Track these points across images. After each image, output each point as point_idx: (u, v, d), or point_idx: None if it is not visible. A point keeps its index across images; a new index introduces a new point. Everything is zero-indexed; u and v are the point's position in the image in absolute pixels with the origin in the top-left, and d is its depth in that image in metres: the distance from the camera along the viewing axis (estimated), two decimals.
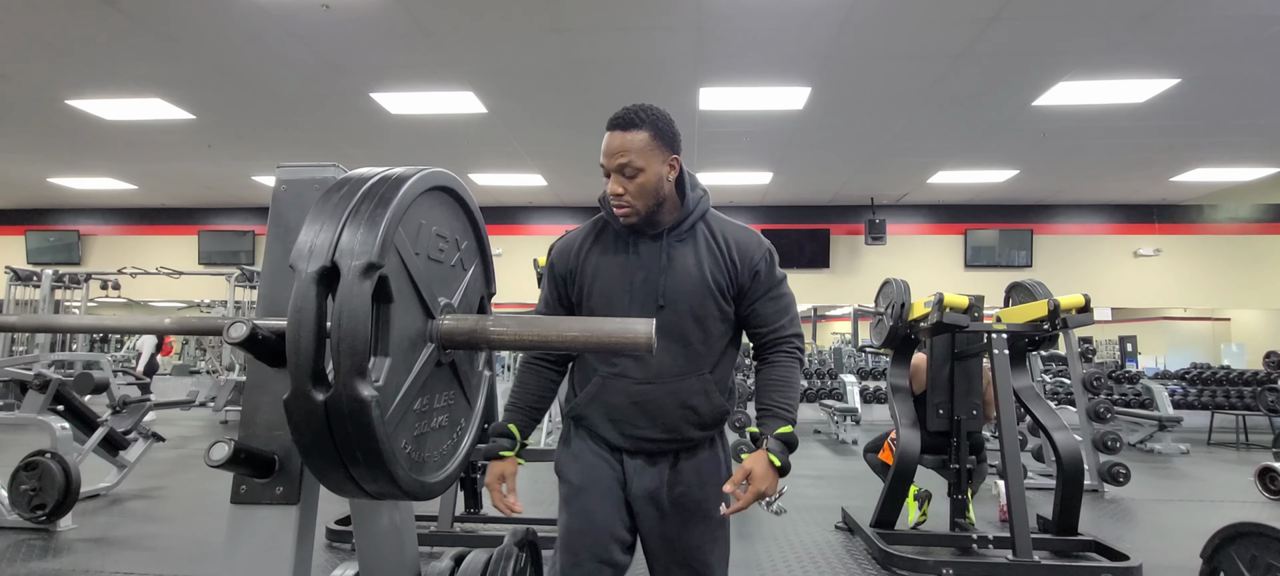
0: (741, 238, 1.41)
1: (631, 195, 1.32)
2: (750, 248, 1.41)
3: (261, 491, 0.83)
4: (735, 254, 1.39)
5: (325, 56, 4.86)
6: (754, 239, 1.43)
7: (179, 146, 7.09)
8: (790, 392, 1.37)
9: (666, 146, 1.35)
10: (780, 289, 1.43)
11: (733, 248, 1.39)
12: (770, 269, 1.42)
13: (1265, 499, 4.89)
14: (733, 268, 1.39)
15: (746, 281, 1.39)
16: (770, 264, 1.42)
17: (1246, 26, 4.24)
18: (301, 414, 0.66)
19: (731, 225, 1.44)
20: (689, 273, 1.36)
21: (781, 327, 1.41)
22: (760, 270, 1.40)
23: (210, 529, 3.82)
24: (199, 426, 7.99)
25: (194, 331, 0.91)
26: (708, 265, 1.37)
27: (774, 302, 1.42)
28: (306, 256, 0.67)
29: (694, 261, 1.37)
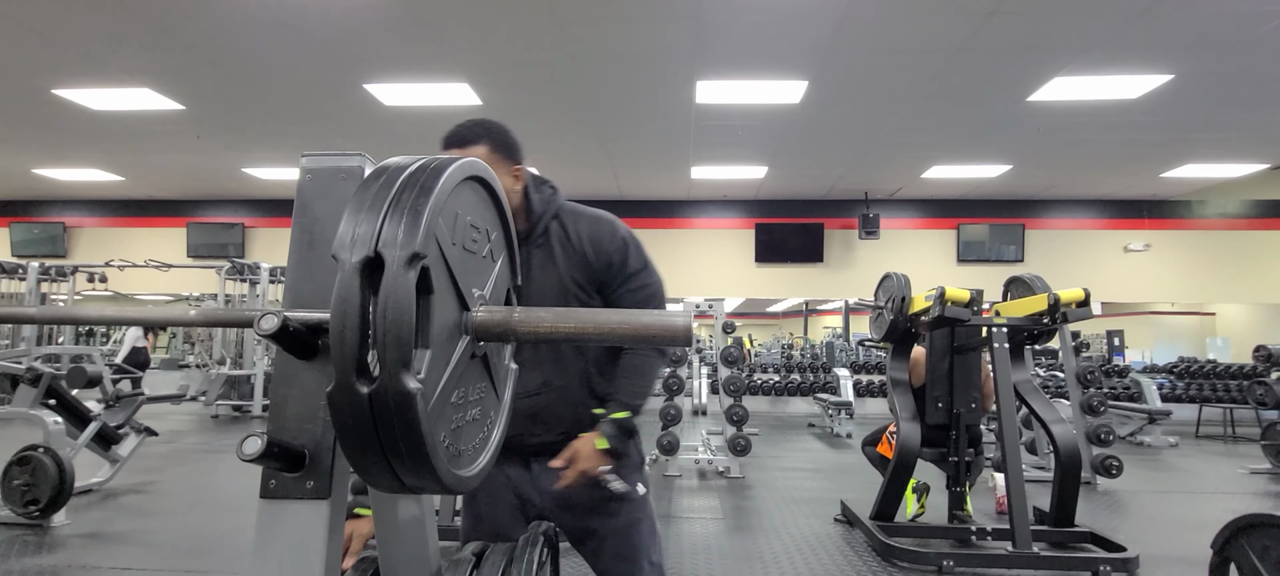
0: (594, 231, 1.39)
1: None
2: (602, 239, 1.38)
3: (292, 486, 0.82)
4: (588, 248, 1.38)
5: (318, 47, 4.80)
6: (607, 229, 1.40)
7: (167, 137, 6.99)
8: (640, 381, 1.40)
9: (507, 158, 1.34)
10: (642, 277, 1.40)
11: (585, 242, 1.38)
12: (626, 258, 1.39)
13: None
14: (587, 263, 1.37)
15: (603, 274, 1.38)
16: (626, 253, 1.39)
17: (1241, 23, 4.28)
18: (346, 407, 0.65)
19: (584, 216, 1.41)
20: (547, 279, 1.36)
21: None
22: (614, 260, 1.39)
23: (206, 523, 3.78)
24: (190, 421, 7.92)
25: (222, 323, 0.89)
26: (563, 265, 1.37)
27: (634, 293, 1.40)
28: (349, 247, 0.65)
29: (551, 265, 1.37)
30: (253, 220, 10.09)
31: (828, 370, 9.75)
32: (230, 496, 4.38)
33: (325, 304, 0.87)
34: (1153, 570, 3.12)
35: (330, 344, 0.64)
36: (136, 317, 0.93)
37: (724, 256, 9.62)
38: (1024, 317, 3.49)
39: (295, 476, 0.81)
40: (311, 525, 0.81)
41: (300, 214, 0.90)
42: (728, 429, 5.32)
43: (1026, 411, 3.58)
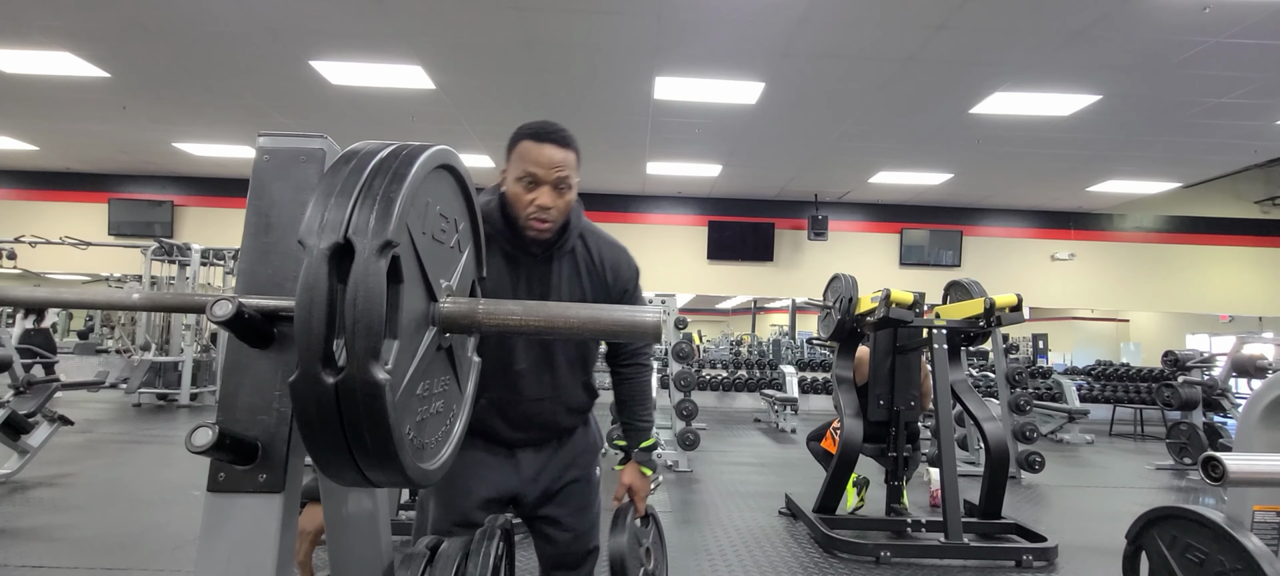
0: (616, 259, 1.47)
1: (559, 211, 1.32)
2: (622, 270, 1.47)
3: (243, 479, 0.78)
4: (609, 276, 1.44)
5: (260, 17, 4.57)
6: (626, 260, 1.49)
7: (89, 105, 6.52)
8: (648, 405, 1.58)
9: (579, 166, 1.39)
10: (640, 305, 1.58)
11: (608, 269, 1.44)
12: (637, 289, 1.51)
13: (1187, 485, 5.37)
14: (607, 288, 1.45)
15: (616, 298, 1.47)
16: (637, 285, 1.51)
17: (1162, 50, 4.59)
18: (311, 397, 0.62)
19: (605, 242, 1.48)
20: (575, 295, 1.42)
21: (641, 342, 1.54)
22: (629, 288, 1.48)
23: (127, 518, 3.57)
24: (109, 410, 7.44)
25: (169, 308, 0.84)
26: (588, 286, 1.43)
27: None
28: (318, 232, 0.63)
29: (576, 282, 1.42)
30: (183, 198, 9.53)
31: (774, 367, 9.98)
32: (153, 490, 4.14)
33: (282, 290, 0.84)
34: (1070, 558, 3.33)
35: (295, 332, 0.62)
36: (73, 300, 0.87)
37: (677, 252, 9.70)
38: (962, 320, 3.66)
39: (247, 469, 0.78)
40: (263, 520, 0.78)
41: (256, 196, 0.86)
42: (677, 423, 5.37)
43: (960, 409, 3.76)
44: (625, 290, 1.47)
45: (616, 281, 1.46)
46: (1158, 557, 1.74)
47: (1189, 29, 4.28)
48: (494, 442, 1.45)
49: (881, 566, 3.16)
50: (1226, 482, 0.91)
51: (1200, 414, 5.95)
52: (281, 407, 0.79)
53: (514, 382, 1.40)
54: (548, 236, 1.34)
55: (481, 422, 1.41)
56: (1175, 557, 1.67)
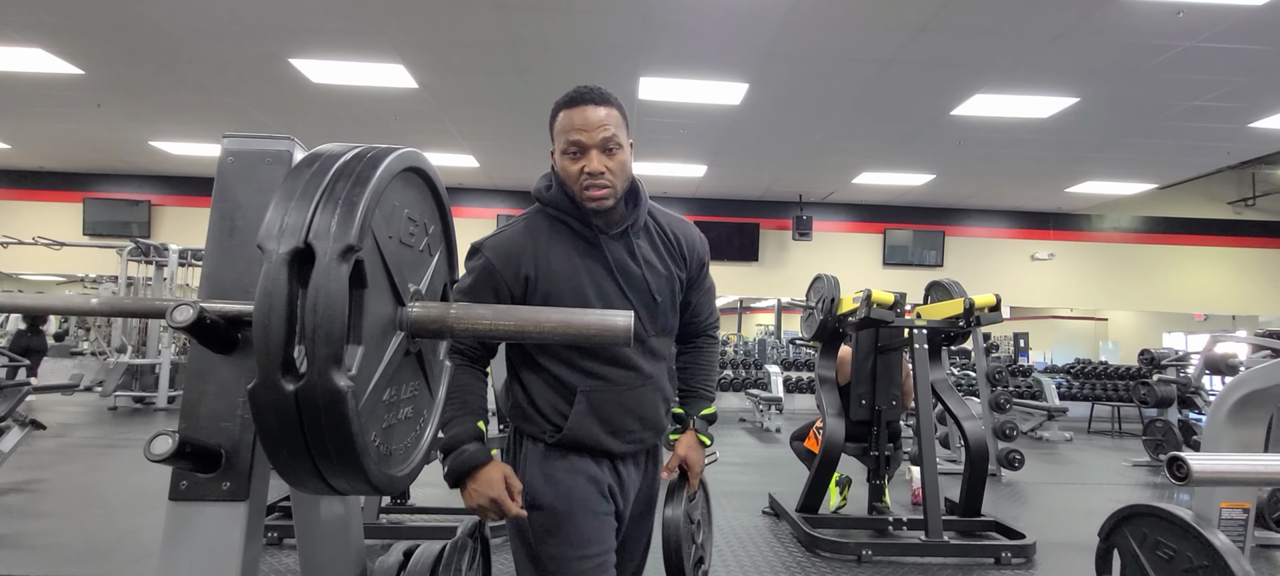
0: (687, 232, 1.41)
1: (613, 174, 1.21)
2: (695, 242, 1.41)
3: (206, 487, 0.77)
4: (685, 248, 1.38)
5: (238, 13, 4.51)
6: (697, 232, 1.44)
7: (63, 103, 6.39)
8: (712, 376, 1.47)
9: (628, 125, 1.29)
10: (709, 280, 1.47)
11: (682, 242, 1.38)
12: (706, 261, 1.46)
13: (1162, 482, 5.46)
14: (684, 262, 1.38)
15: (694, 274, 1.40)
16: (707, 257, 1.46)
17: (1138, 54, 4.67)
18: (269, 405, 0.61)
19: (673, 217, 1.42)
20: (658, 270, 1.32)
21: (710, 315, 1.47)
22: (705, 265, 1.44)
23: (102, 525, 3.50)
24: (84, 413, 7.30)
25: (128, 313, 0.82)
26: (669, 263, 1.35)
27: (707, 294, 1.45)
28: (277, 237, 0.62)
29: (657, 257, 1.33)
30: (161, 198, 9.38)
31: (759, 366, 10.02)
32: (129, 495, 4.07)
33: (246, 295, 0.83)
34: (1047, 555, 3.37)
35: (253, 338, 0.61)
36: (27, 305, 0.85)
37: None
38: (942, 320, 3.69)
39: (210, 477, 0.77)
40: (227, 528, 0.77)
41: (220, 198, 0.85)
42: None
43: (941, 408, 3.80)
44: (702, 264, 1.41)
45: (692, 254, 1.38)
46: (1129, 554, 1.77)
47: (1163, 33, 4.35)
48: (599, 456, 1.27)
49: (863, 565, 3.19)
50: (1190, 482, 0.92)
51: (1175, 411, 6.06)
52: (246, 414, 0.78)
53: (612, 360, 1.26)
54: (609, 202, 1.23)
55: (577, 433, 1.24)
56: (1146, 554, 1.70)
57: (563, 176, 1.24)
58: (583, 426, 1.23)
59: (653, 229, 1.35)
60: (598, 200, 1.21)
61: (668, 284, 1.33)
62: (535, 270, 1.23)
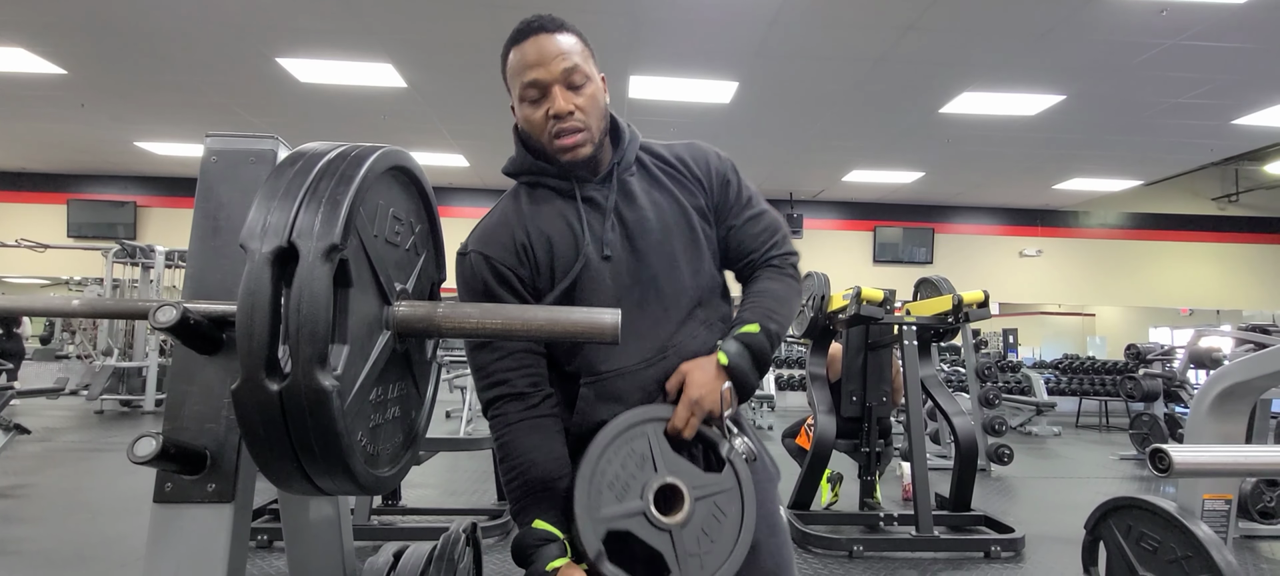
0: (692, 150, 1.11)
1: (584, 113, 0.99)
2: (706, 157, 1.10)
3: (191, 489, 0.76)
4: (694, 168, 1.09)
5: (224, 13, 4.47)
6: (707, 147, 1.12)
7: (46, 104, 6.32)
8: (776, 303, 1.06)
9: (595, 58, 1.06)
10: (759, 204, 1.12)
11: (690, 162, 1.09)
12: (740, 178, 1.11)
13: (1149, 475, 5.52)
14: (700, 184, 1.09)
15: (718, 196, 1.09)
16: (737, 172, 1.12)
17: (1123, 52, 4.72)
18: (253, 405, 0.61)
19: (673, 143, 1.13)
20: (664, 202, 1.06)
21: (768, 241, 1.10)
22: (731, 178, 1.10)
23: (88, 530, 3.46)
24: (70, 417, 7.22)
25: (111, 314, 0.82)
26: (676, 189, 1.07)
27: (756, 221, 1.10)
28: (259, 236, 0.62)
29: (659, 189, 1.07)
30: (147, 199, 9.29)
31: None
32: (115, 499, 4.03)
33: (230, 295, 0.82)
34: (1036, 548, 3.41)
35: (237, 338, 0.60)
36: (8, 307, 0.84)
37: None
38: (931, 316, 3.71)
39: (195, 479, 0.76)
40: (213, 530, 0.76)
41: (203, 198, 0.84)
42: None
43: (931, 404, 3.82)
44: (727, 180, 1.10)
45: (708, 171, 1.09)
46: (1114, 547, 1.79)
47: (1147, 31, 4.40)
48: None
49: (855, 561, 3.20)
50: (1173, 474, 0.93)
51: (1161, 404, 6.12)
52: (231, 415, 0.77)
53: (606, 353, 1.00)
54: (585, 149, 1.00)
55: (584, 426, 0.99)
56: (1130, 546, 1.73)
57: (527, 129, 1.03)
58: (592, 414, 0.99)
59: (649, 163, 1.09)
60: (572, 150, 0.99)
61: (683, 217, 1.06)
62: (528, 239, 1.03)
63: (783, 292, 1.08)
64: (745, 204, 1.11)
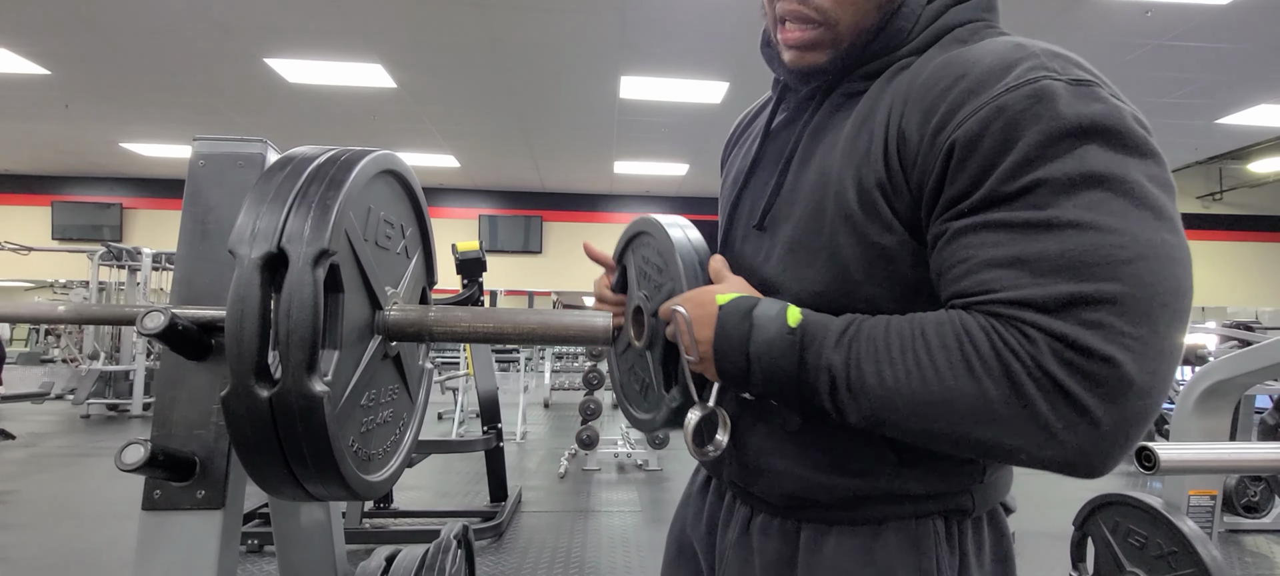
0: (960, 73, 0.56)
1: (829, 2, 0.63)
2: (957, 88, 0.55)
3: (180, 495, 0.76)
4: (907, 108, 0.58)
5: (211, 12, 4.43)
6: (987, 69, 0.55)
7: (28, 104, 6.24)
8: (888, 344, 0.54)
9: None
10: (1031, 199, 0.50)
11: (912, 100, 0.58)
12: (1005, 140, 0.51)
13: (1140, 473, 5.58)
14: (899, 142, 0.58)
15: (929, 175, 0.56)
16: (1009, 128, 0.51)
17: (1108, 51, 4.77)
18: (244, 412, 0.61)
19: (982, 52, 0.58)
20: (807, 173, 0.67)
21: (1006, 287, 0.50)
22: (963, 139, 0.53)
23: (75, 536, 3.43)
24: (56, 422, 7.13)
25: (97, 320, 0.81)
26: (849, 149, 0.63)
27: (1000, 234, 0.51)
28: (249, 241, 0.61)
29: (837, 143, 0.65)
30: (133, 200, 9.20)
31: None
32: (103, 505, 3.99)
33: (219, 300, 0.82)
34: (1026, 544, 3.44)
35: (226, 344, 0.60)
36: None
37: None
38: None
39: (184, 486, 0.76)
40: (202, 538, 0.76)
41: (191, 202, 0.83)
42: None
43: None
44: (952, 144, 0.53)
45: (922, 115, 0.56)
46: (1102, 542, 1.81)
47: (1132, 31, 4.45)
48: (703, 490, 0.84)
49: None
50: (1159, 471, 0.95)
51: None
52: (220, 421, 0.77)
53: None
54: (815, 56, 0.66)
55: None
56: (1118, 542, 1.75)
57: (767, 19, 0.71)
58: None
59: (899, 82, 0.61)
60: (795, 54, 0.67)
61: (815, 211, 0.64)
62: (725, 163, 0.87)
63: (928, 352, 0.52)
64: (988, 195, 0.52)
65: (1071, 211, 0.49)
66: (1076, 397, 0.47)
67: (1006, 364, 0.48)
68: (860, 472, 0.64)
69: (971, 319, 0.51)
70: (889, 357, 0.53)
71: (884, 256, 0.60)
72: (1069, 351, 0.47)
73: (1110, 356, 0.46)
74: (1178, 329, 0.49)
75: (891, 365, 0.53)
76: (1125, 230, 0.48)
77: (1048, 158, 0.50)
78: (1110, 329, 0.47)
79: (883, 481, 0.64)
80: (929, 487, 0.64)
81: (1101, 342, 0.46)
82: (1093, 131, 0.50)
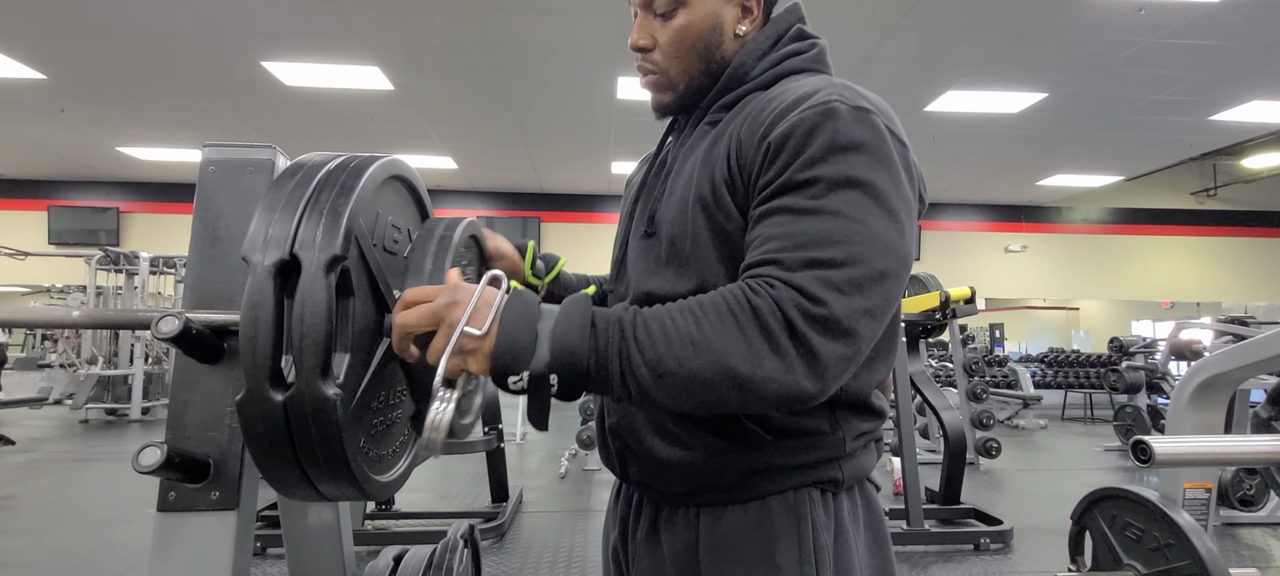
0: (782, 100, 0.71)
1: (662, 53, 0.79)
2: (776, 108, 0.70)
3: (195, 497, 0.77)
4: (744, 125, 0.72)
5: (207, 16, 4.43)
6: (799, 96, 0.69)
7: (23, 109, 6.23)
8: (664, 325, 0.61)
9: None
10: (808, 191, 0.64)
11: (745, 120, 0.73)
12: (801, 143, 0.65)
13: (1134, 466, 5.61)
14: (737, 148, 0.71)
15: (753, 170, 0.69)
16: (805, 136, 0.65)
17: (1103, 49, 4.80)
18: (258, 415, 0.62)
19: (786, 91, 0.73)
20: (677, 181, 0.79)
21: (769, 254, 0.63)
22: (774, 141, 0.67)
23: (75, 541, 3.43)
24: (54, 427, 7.12)
25: (113, 325, 0.82)
26: (703, 156, 0.76)
27: (782, 217, 0.65)
28: (262, 248, 0.63)
29: (700, 153, 0.77)
30: (129, 204, 9.18)
31: None
32: (103, 509, 3.99)
33: (231, 304, 0.83)
34: (1024, 539, 3.46)
35: (241, 350, 0.61)
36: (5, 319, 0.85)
37: None
38: (919, 313, 3.77)
39: (198, 487, 0.77)
40: (217, 538, 0.77)
41: (202, 208, 0.85)
42: None
43: (920, 399, 3.87)
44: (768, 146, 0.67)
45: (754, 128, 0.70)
46: (1099, 536, 1.83)
47: (1126, 29, 4.48)
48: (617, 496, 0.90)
49: None
50: (1154, 464, 0.97)
51: (1144, 396, 6.23)
52: (233, 423, 0.78)
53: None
54: (664, 98, 0.82)
55: None
56: (1115, 535, 1.77)
57: None
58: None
59: (747, 109, 0.75)
60: (652, 95, 0.84)
61: (684, 206, 0.75)
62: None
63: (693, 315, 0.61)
64: (781, 187, 0.66)
65: (834, 203, 0.64)
66: (801, 332, 0.60)
67: (755, 306, 0.61)
68: (751, 448, 0.73)
69: (737, 284, 0.64)
70: (671, 319, 0.62)
71: (729, 240, 0.73)
72: (799, 296, 0.61)
73: (824, 299, 0.60)
74: (880, 299, 0.63)
75: (673, 324, 0.62)
76: (865, 221, 0.64)
77: (826, 161, 0.65)
78: (830, 284, 0.61)
79: (766, 455, 0.73)
80: (800, 459, 0.74)
81: (821, 290, 0.61)
82: (860, 146, 0.66)
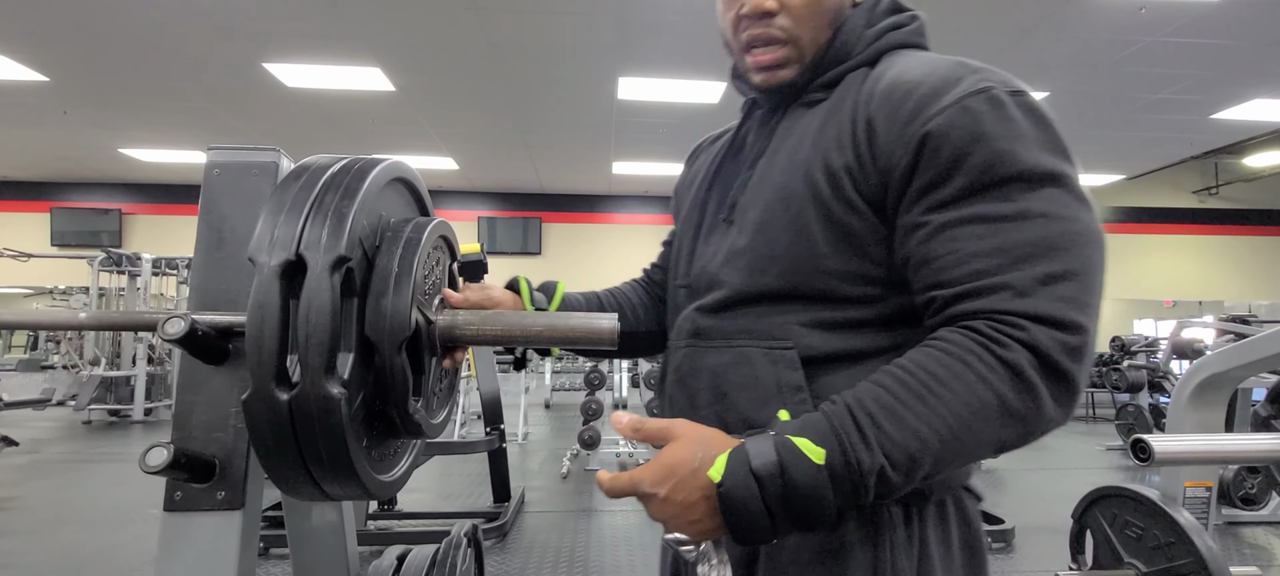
0: (913, 81, 0.63)
1: (793, 16, 0.69)
2: (918, 94, 0.61)
3: (201, 497, 0.78)
4: (877, 107, 0.63)
5: (209, 17, 4.44)
6: (939, 80, 0.62)
7: (27, 111, 6.25)
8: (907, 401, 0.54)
9: None
10: (1005, 193, 0.58)
11: (877, 99, 0.64)
12: (973, 139, 0.58)
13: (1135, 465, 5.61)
14: (867, 133, 0.63)
15: (899, 162, 0.61)
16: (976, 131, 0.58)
17: (1104, 48, 4.80)
18: (264, 415, 0.63)
19: (916, 63, 0.66)
20: (774, 166, 0.70)
21: (988, 273, 0.56)
22: (935, 134, 0.59)
23: (79, 541, 3.44)
24: (57, 428, 7.14)
25: (120, 326, 0.83)
26: (818, 139, 0.67)
27: (980, 227, 0.57)
28: (268, 249, 0.63)
29: (808, 142, 0.68)
30: (131, 206, 9.21)
31: None
32: (106, 510, 4.00)
33: (236, 305, 0.84)
34: (1025, 538, 3.47)
35: (247, 349, 0.62)
36: (13, 321, 0.85)
37: (645, 252, 9.65)
38: None
39: (204, 487, 0.78)
40: (223, 537, 0.78)
41: (207, 210, 0.85)
42: None
43: None
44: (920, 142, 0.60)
45: (890, 116, 0.62)
46: (1100, 534, 1.84)
47: (1127, 28, 4.48)
48: None
49: None
50: (1153, 463, 0.97)
51: (1146, 395, 6.22)
52: (238, 424, 0.79)
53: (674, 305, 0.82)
54: (784, 73, 0.72)
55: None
56: (1116, 534, 1.77)
57: (723, 29, 0.77)
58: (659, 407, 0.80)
59: (853, 88, 0.68)
60: (765, 73, 0.72)
61: (782, 193, 0.67)
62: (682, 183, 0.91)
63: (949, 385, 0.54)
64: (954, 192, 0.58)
65: (1040, 204, 0.58)
66: (1063, 370, 0.54)
67: (1011, 364, 0.54)
68: None
69: (959, 335, 0.56)
70: (911, 411, 0.54)
71: (847, 234, 0.64)
72: (1054, 332, 0.54)
73: (1079, 324, 0.54)
74: (1102, 297, 0.59)
75: (916, 416, 0.54)
76: (1076, 217, 0.59)
77: (1013, 158, 0.59)
78: (1074, 303, 0.55)
79: None
80: None
81: (1070, 312, 0.54)
82: (1039, 137, 0.61)
